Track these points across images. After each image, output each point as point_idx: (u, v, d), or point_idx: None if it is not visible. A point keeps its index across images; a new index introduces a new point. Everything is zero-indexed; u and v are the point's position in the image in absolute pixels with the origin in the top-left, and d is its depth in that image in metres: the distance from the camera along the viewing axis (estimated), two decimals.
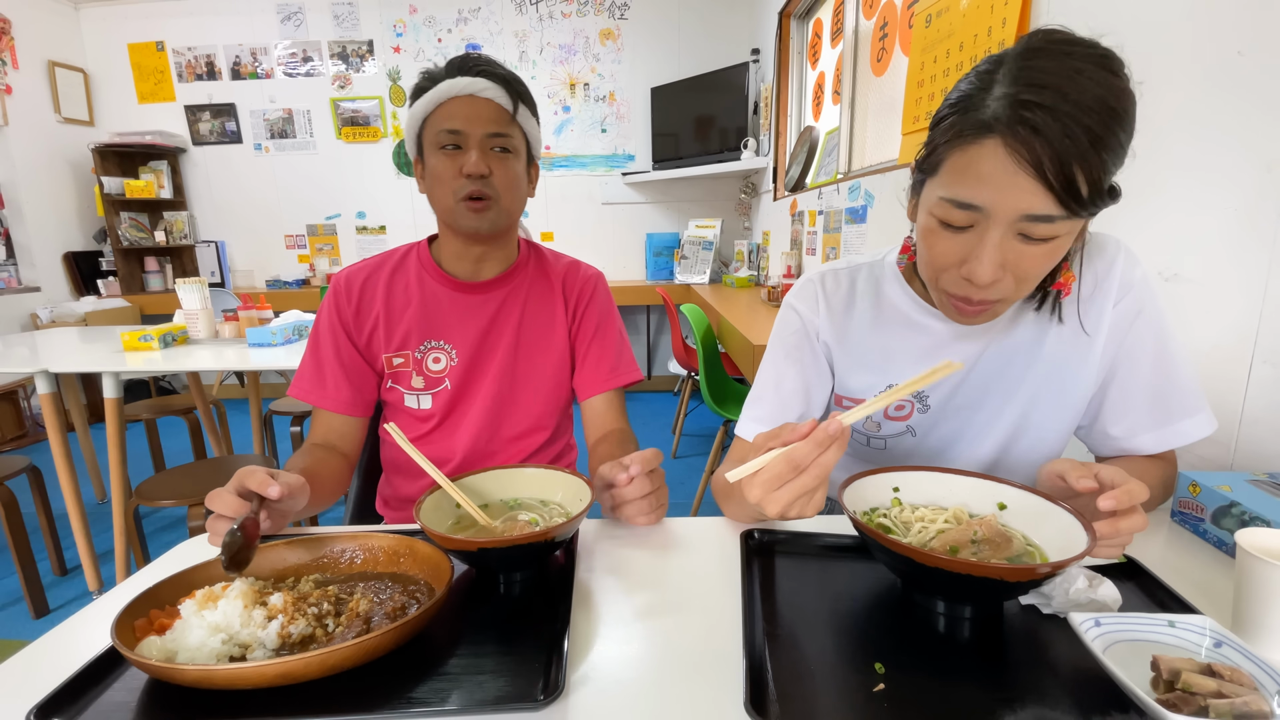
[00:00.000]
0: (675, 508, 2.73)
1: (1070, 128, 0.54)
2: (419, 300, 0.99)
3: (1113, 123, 0.55)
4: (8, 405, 3.58)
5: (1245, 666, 0.45)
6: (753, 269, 3.91)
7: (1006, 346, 0.78)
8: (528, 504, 0.74)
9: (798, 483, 0.56)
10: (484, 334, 1.01)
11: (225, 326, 2.15)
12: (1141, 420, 0.77)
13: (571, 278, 1.07)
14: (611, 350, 1.06)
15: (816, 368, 0.85)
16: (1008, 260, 0.62)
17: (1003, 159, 0.57)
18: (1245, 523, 0.66)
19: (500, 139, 0.92)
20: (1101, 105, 0.55)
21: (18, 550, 1.89)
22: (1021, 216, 0.59)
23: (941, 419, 0.83)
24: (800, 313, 0.86)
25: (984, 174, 0.59)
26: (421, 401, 1.01)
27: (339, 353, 0.98)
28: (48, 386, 1.88)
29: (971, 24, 1.53)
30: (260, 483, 0.65)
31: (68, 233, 4.11)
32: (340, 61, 4.16)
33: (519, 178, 0.95)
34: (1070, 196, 0.57)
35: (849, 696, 0.47)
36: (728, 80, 3.75)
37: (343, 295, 0.99)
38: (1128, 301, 0.75)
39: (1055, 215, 0.58)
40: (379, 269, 1.01)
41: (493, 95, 0.90)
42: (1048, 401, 0.79)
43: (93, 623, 0.59)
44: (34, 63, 3.87)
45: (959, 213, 0.62)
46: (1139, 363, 0.76)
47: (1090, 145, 0.55)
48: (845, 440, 0.57)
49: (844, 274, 0.86)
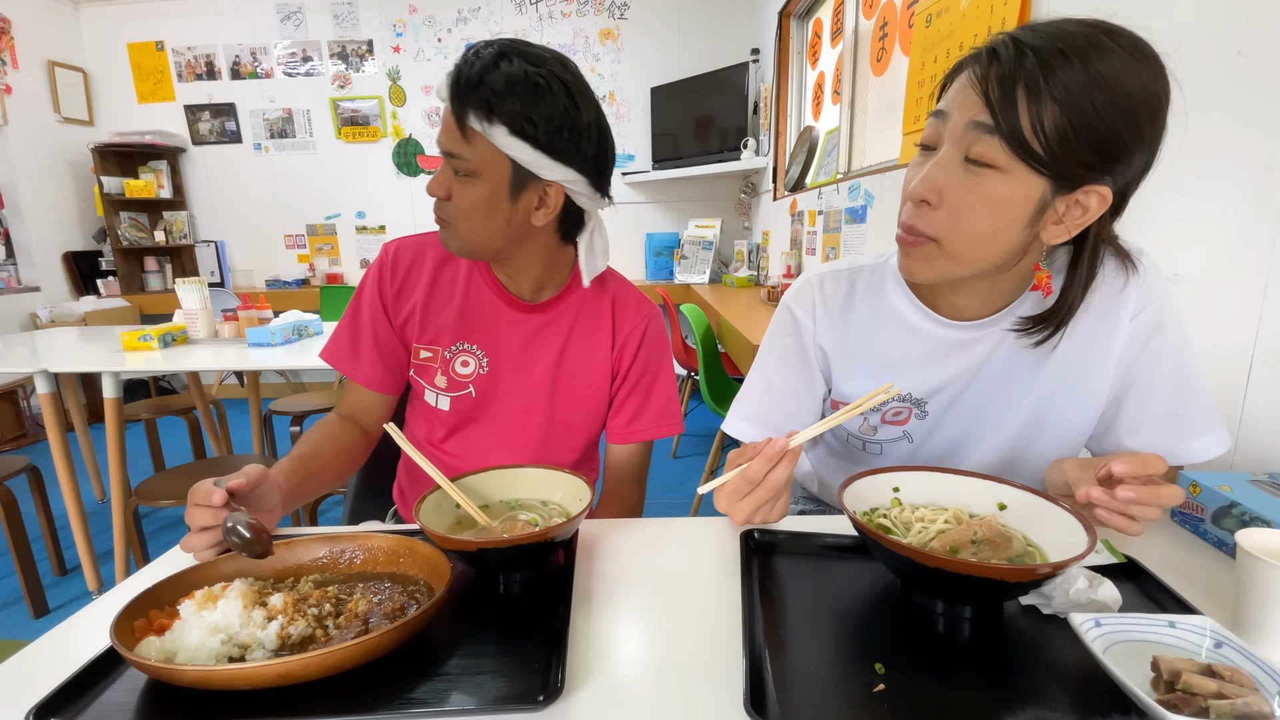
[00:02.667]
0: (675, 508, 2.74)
1: (1027, 56, 0.56)
2: (462, 298, 0.93)
3: (1088, 70, 0.55)
4: (7, 405, 3.57)
5: (1246, 667, 0.45)
6: (752, 269, 3.91)
7: (1011, 356, 0.76)
8: (528, 504, 0.74)
9: (754, 495, 0.65)
10: (521, 350, 0.94)
11: (225, 326, 2.15)
12: (1156, 436, 0.75)
13: (624, 315, 0.97)
14: (658, 400, 0.98)
15: (807, 372, 0.85)
16: (948, 185, 0.63)
17: (965, 78, 0.62)
18: (1245, 523, 0.66)
19: (453, 160, 0.79)
20: (1081, 52, 0.56)
21: (17, 550, 1.89)
22: (967, 124, 0.60)
23: (940, 426, 0.82)
24: (796, 316, 0.85)
25: (950, 94, 0.64)
26: (440, 401, 0.95)
27: (375, 327, 0.93)
28: (47, 386, 1.88)
29: (971, 24, 1.53)
30: (205, 494, 0.63)
31: (67, 232, 4.11)
32: (340, 61, 4.16)
33: (479, 204, 0.80)
34: (1007, 113, 0.57)
35: (849, 697, 0.47)
36: (727, 80, 3.75)
37: (387, 270, 0.93)
38: (1148, 314, 0.73)
39: (989, 126, 0.58)
40: (429, 251, 0.94)
41: (454, 108, 0.77)
42: (1055, 414, 0.77)
43: (92, 623, 0.59)
44: (34, 62, 3.87)
45: (931, 124, 0.65)
46: (1157, 377, 0.74)
47: (1043, 76, 0.56)
48: (794, 458, 0.65)
49: (844, 276, 0.84)
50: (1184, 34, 0.96)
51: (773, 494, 0.66)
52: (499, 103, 0.75)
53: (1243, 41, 0.87)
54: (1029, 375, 0.76)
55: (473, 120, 0.75)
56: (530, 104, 0.76)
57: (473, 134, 0.76)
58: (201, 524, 0.63)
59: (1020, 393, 0.77)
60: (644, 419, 0.97)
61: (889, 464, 0.86)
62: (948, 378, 0.78)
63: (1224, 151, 0.89)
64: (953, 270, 0.68)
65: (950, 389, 0.79)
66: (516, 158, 0.77)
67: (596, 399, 0.98)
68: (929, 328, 0.78)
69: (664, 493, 2.78)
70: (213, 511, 0.63)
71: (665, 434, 0.98)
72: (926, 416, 0.81)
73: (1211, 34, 0.92)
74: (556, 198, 0.83)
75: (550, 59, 0.78)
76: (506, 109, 0.75)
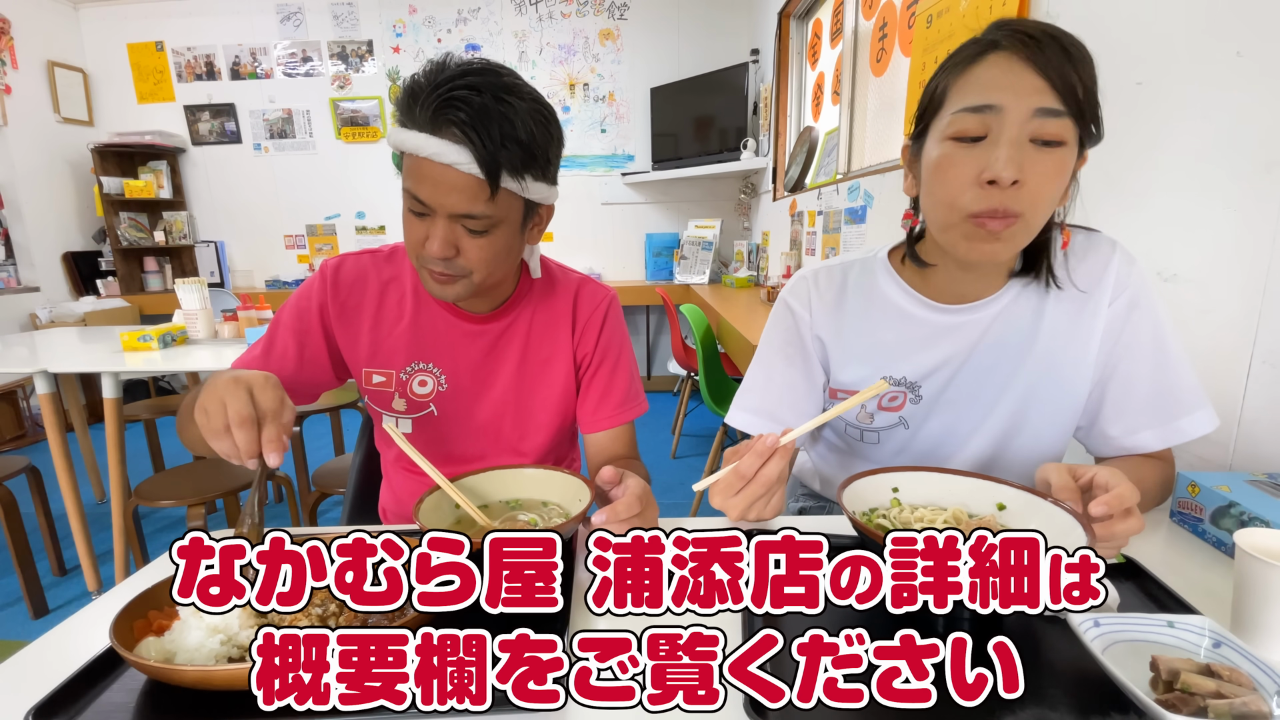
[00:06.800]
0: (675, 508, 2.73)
1: (1056, 43, 0.63)
2: (411, 317, 0.90)
3: (1085, 51, 0.65)
4: (7, 405, 3.57)
5: (1244, 667, 0.45)
6: (752, 269, 3.91)
7: (998, 338, 0.79)
8: (527, 504, 0.74)
9: (747, 491, 0.66)
10: (479, 364, 0.92)
11: (224, 326, 2.15)
12: (1142, 418, 0.77)
13: (582, 301, 0.96)
14: (622, 383, 0.96)
15: (806, 364, 0.87)
16: (1025, 164, 0.64)
17: (1011, 62, 0.64)
18: (1244, 523, 0.66)
19: (473, 220, 0.73)
20: (1070, 37, 0.65)
21: (17, 551, 1.89)
22: (1034, 111, 0.63)
23: (935, 411, 0.83)
24: (793, 309, 0.88)
25: (996, 78, 0.65)
26: (400, 425, 0.93)
27: (304, 339, 0.89)
28: (47, 387, 1.88)
29: (971, 24, 1.53)
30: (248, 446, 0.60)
31: (67, 233, 4.11)
32: (340, 61, 4.16)
33: (500, 250, 0.77)
34: (1070, 95, 0.63)
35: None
36: (727, 80, 3.75)
37: (329, 288, 0.89)
38: (1124, 299, 0.76)
39: (1061, 110, 0.63)
40: (370, 273, 0.91)
41: (471, 170, 0.69)
42: (1044, 397, 0.79)
43: (91, 623, 0.59)
44: (33, 63, 3.87)
45: (975, 118, 0.65)
46: (1138, 360, 0.76)
47: (1076, 59, 0.64)
48: (786, 454, 0.66)
49: (836, 270, 0.88)
50: (1184, 34, 0.97)
51: (765, 490, 0.66)
52: (526, 154, 0.72)
53: (1243, 41, 0.87)
54: (1018, 358, 0.79)
55: (505, 180, 0.72)
56: (545, 141, 0.75)
57: (501, 192, 0.73)
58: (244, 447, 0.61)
59: (1010, 375, 0.79)
60: (611, 402, 0.95)
61: (887, 452, 0.88)
62: (940, 360, 0.81)
63: (1224, 151, 0.89)
64: (1024, 242, 0.71)
65: (943, 371, 0.81)
66: (532, 197, 0.77)
67: (565, 392, 0.96)
68: (922, 313, 0.81)
69: (664, 493, 2.79)
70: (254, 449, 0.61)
71: (635, 415, 0.97)
72: (921, 400, 0.83)
73: (1211, 34, 0.92)
74: (548, 214, 0.84)
75: (511, 78, 0.74)
76: (534, 157, 0.73)
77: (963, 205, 0.67)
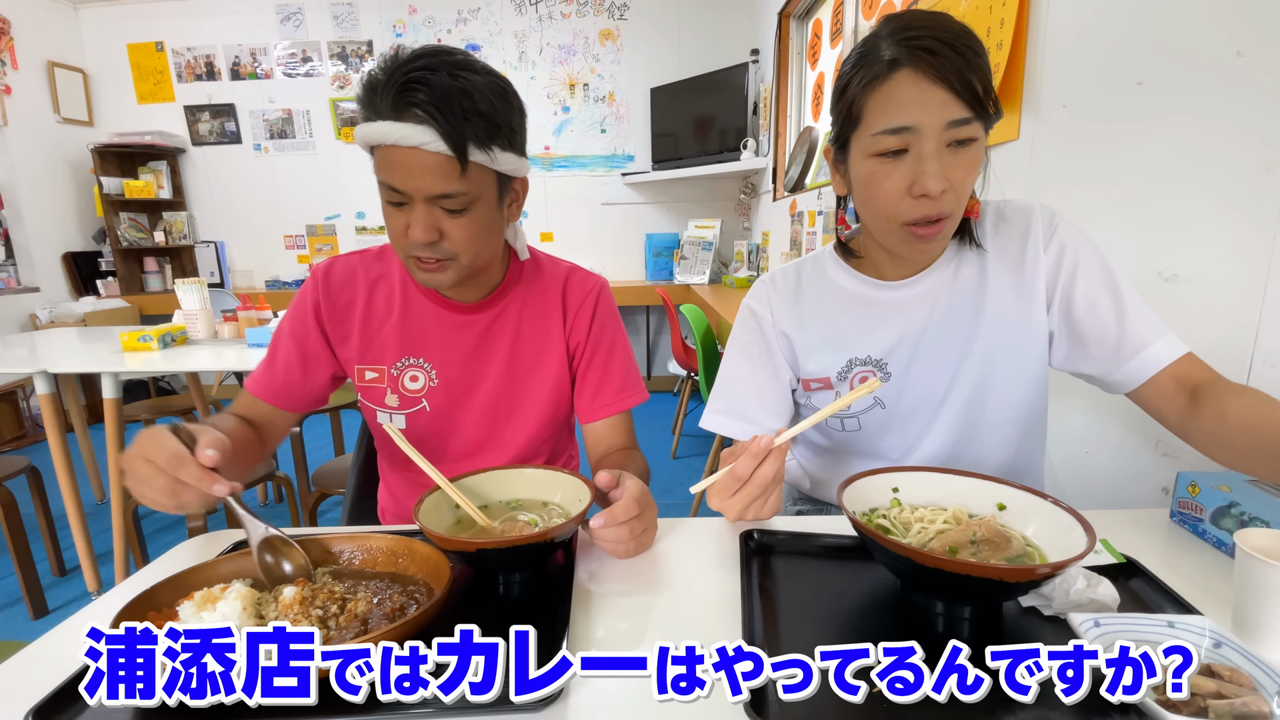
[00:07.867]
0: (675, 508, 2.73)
1: (952, 50, 0.67)
2: (400, 312, 0.91)
3: (975, 43, 0.69)
4: (7, 406, 3.57)
5: (1244, 667, 0.45)
6: (752, 269, 3.91)
7: (949, 307, 0.83)
8: (527, 504, 0.74)
9: (743, 492, 0.68)
10: (470, 356, 0.92)
11: (224, 327, 2.15)
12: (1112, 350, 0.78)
13: (572, 289, 0.95)
14: (618, 370, 0.96)
15: (771, 363, 0.92)
16: (948, 169, 0.70)
17: (917, 81, 0.68)
18: (1245, 523, 0.66)
19: (450, 200, 0.75)
20: (965, 31, 0.69)
21: (17, 551, 1.89)
22: (947, 124, 0.68)
23: (905, 386, 0.87)
24: (755, 311, 0.93)
25: (906, 98, 0.69)
26: (395, 421, 0.93)
27: (305, 345, 0.91)
28: (47, 387, 1.88)
29: (971, 24, 1.52)
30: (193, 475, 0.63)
31: (67, 233, 4.11)
32: (339, 62, 4.16)
33: (482, 228, 0.79)
34: (974, 98, 0.68)
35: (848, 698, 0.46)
36: (727, 81, 3.75)
37: (321, 291, 0.91)
38: (1054, 245, 0.81)
39: (970, 116, 0.68)
40: (359, 271, 0.92)
41: (439, 148, 0.71)
42: (1004, 356, 0.83)
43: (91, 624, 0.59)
44: (33, 63, 3.87)
45: (893, 139, 0.70)
46: (1096, 301, 0.79)
47: (971, 59, 0.68)
48: (780, 454, 0.68)
49: (790, 270, 0.94)
50: (1184, 34, 0.96)
51: (761, 490, 0.68)
52: (490, 125, 0.73)
53: (1243, 41, 0.86)
54: (972, 323, 0.83)
55: (474, 153, 0.73)
56: (506, 113, 0.76)
57: (472, 166, 0.74)
58: (186, 502, 0.64)
59: (968, 339, 0.83)
60: (607, 390, 0.95)
61: (868, 439, 0.91)
62: (899, 335, 0.85)
63: (1224, 151, 0.89)
64: (954, 229, 0.77)
65: (904, 346, 0.85)
66: (502, 169, 0.78)
67: (558, 383, 0.95)
68: (872, 292, 0.86)
69: (663, 493, 2.78)
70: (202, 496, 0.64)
71: (633, 404, 0.97)
72: (890, 378, 0.86)
73: (1211, 34, 0.92)
74: (523, 188, 0.86)
75: (462, 55, 0.75)
76: (499, 127, 0.75)
77: (898, 215, 0.73)
